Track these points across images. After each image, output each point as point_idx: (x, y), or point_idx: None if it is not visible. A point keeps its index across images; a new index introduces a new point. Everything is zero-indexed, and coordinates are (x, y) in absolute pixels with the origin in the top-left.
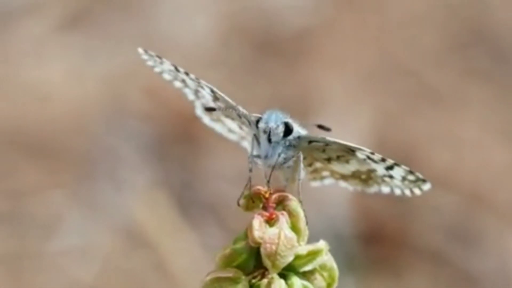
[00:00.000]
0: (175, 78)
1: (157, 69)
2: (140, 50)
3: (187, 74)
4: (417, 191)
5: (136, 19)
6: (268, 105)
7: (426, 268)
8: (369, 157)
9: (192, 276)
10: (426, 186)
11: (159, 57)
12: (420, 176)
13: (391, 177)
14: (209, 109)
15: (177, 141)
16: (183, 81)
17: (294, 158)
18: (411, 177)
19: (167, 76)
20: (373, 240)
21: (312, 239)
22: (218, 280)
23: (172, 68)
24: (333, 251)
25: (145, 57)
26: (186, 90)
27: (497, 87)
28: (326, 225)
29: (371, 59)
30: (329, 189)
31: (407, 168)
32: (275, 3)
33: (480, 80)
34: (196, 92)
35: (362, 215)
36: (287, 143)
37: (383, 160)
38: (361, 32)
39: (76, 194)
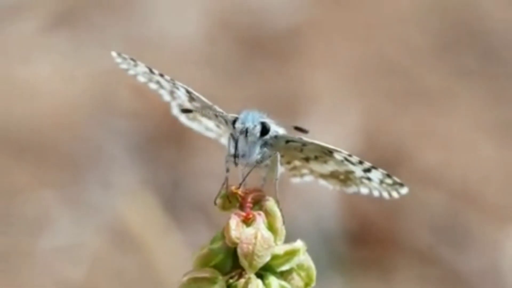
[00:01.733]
0: (150, 80)
1: (131, 72)
2: (114, 54)
3: (161, 75)
4: (394, 194)
5: (124, 17)
6: (255, 104)
7: (415, 267)
8: (346, 159)
9: (180, 275)
10: (404, 190)
11: (133, 60)
12: (397, 180)
13: (369, 179)
14: (185, 111)
15: (165, 140)
16: (158, 82)
17: (272, 158)
18: (388, 181)
19: (141, 78)
20: (362, 240)
21: (298, 238)
22: (195, 280)
23: (147, 70)
24: (321, 251)
25: (118, 60)
26: (162, 91)
27: (487, 86)
28: (314, 224)
29: (360, 58)
30: (317, 188)
31: (385, 172)
32: (264, 1)
33: (470, 78)
34: (172, 93)
35: (350, 215)
36: (264, 143)
37: (360, 162)
38: (350, 31)
39: (64, 193)
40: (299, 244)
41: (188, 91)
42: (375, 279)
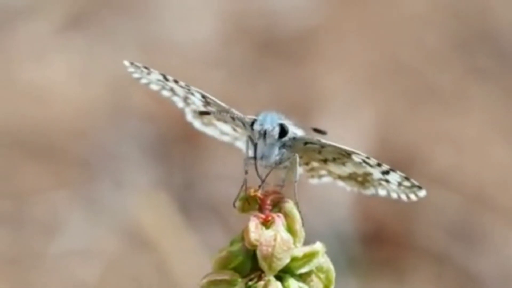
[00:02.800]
0: (163, 88)
1: (143, 81)
2: (126, 63)
3: (176, 82)
4: (413, 197)
5: (139, 20)
6: (270, 106)
7: (429, 268)
8: (364, 161)
9: (194, 277)
10: (422, 193)
11: (147, 68)
12: (416, 183)
13: (387, 181)
14: (204, 113)
15: (179, 141)
16: (172, 89)
17: (290, 159)
18: (406, 183)
19: (154, 87)
20: (376, 241)
21: (314, 241)
22: (214, 282)
23: (161, 77)
24: (335, 252)
25: (131, 69)
26: (175, 98)
27: (500, 87)
28: (328, 226)
29: (373, 59)
30: (331, 190)
31: (403, 174)
32: (278, 4)
33: (483, 79)
34: (186, 99)
35: (365, 216)
36: (283, 144)
37: (378, 165)
38: (363, 32)
39: (78, 195)
40: (318, 246)
41: (203, 96)
42: (390, 281)
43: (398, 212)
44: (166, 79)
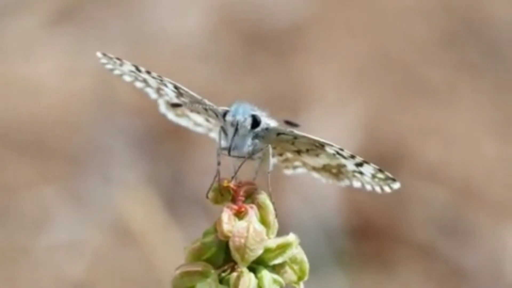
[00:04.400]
0: (136, 79)
1: (116, 72)
2: (99, 54)
3: (148, 72)
4: (387, 189)
5: (127, 13)
6: (257, 99)
7: (417, 262)
8: (338, 153)
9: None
10: (396, 185)
11: (119, 59)
12: (389, 175)
13: (361, 173)
14: (175, 105)
15: (166, 136)
16: (144, 80)
17: (263, 150)
18: (380, 175)
19: (127, 78)
20: (364, 235)
21: (301, 234)
22: (187, 274)
23: (133, 68)
24: (323, 246)
25: (104, 60)
26: (148, 90)
27: (489, 81)
28: (316, 219)
29: (362, 53)
30: (318, 184)
31: (377, 167)
32: None
33: (472, 74)
34: (159, 90)
35: (352, 210)
36: (255, 135)
37: (352, 156)
38: (352, 26)
39: (65, 189)
40: (291, 237)
41: (176, 87)
42: (378, 274)
43: (386, 206)
44: (139, 70)
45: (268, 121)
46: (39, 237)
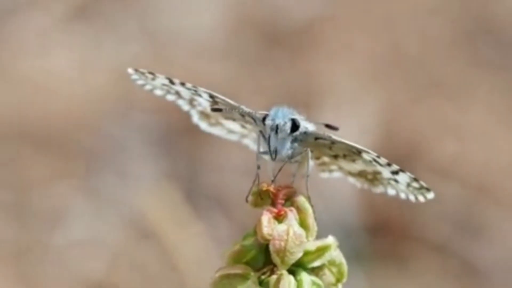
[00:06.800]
0: (168, 92)
1: (147, 87)
2: (130, 71)
3: (182, 84)
4: (421, 198)
5: (143, 11)
6: (273, 97)
7: (433, 259)
8: (375, 160)
9: (200, 267)
10: (430, 195)
11: (152, 73)
12: (424, 184)
13: (396, 181)
14: (216, 110)
15: (184, 133)
16: (177, 93)
17: (302, 154)
18: (415, 184)
19: (158, 92)
20: (380, 232)
21: (319, 232)
22: (227, 276)
23: (166, 81)
24: (341, 244)
25: (135, 76)
26: (180, 102)
27: (505, 78)
28: (333, 217)
29: (378, 50)
30: (336, 182)
31: (412, 175)
32: None
33: (488, 71)
34: (191, 101)
35: (369, 208)
36: (294, 139)
37: (388, 164)
38: (367, 24)
39: (83, 186)
40: (330, 240)
41: (211, 96)
42: (394, 271)
43: (403, 203)
44: (172, 83)
45: (306, 125)
46: (57, 234)
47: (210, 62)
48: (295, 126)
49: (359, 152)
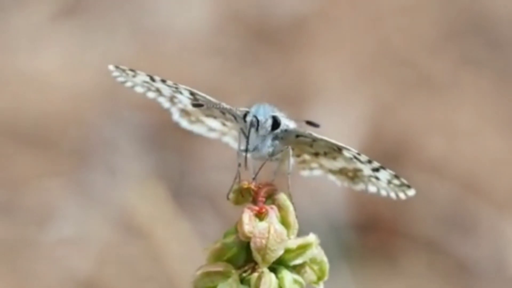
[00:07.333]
0: (149, 89)
1: (128, 84)
2: (111, 67)
3: (163, 81)
4: (402, 195)
5: (133, 8)
6: (262, 94)
7: (422, 256)
8: (355, 157)
9: (188, 265)
10: (411, 192)
11: (133, 70)
12: (405, 181)
13: (377, 178)
14: (197, 105)
15: (173, 130)
16: (157, 90)
17: (283, 152)
18: (396, 181)
19: (139, 89)
20: (368, 229)
21: (307, 229)
22: (208, 274)
23: (147, 78)
24: (329, 240)
25: (116, 73)
26: (161, 99)
27: (493, 76)
28: (321, 214)
29: (367, 48)
30: (323, 179)
31: (393, 172)
32: None
33: (476, 68)
34: (172, 99)
35: (357, 204)
36: (275, 136)
37: (369, 161)
38: (357, 21)
39: (72, 183)
40: (311, 237)
41: (192, 93)
42: (383, 267)
43: (391, 200)
44: (153, 80)
45: (287, 123)
46: (46, 231)
47: (198, 58)
48: (276, 123)
49: (339, 150)
